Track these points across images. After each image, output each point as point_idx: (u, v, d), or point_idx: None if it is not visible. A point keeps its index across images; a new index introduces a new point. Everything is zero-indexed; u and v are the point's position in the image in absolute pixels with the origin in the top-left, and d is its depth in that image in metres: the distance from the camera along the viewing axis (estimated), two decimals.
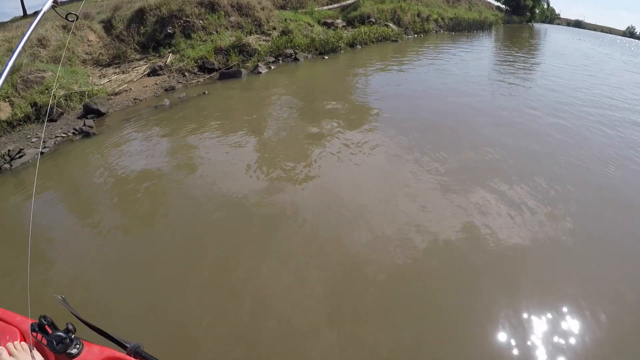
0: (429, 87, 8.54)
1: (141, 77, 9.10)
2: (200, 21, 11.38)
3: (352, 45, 12.76)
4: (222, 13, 11.72)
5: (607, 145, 5.65)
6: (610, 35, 67.08)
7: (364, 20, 15.63)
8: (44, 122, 6.48)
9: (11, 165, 5.19)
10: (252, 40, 11.02)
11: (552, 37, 29.80)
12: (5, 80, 2.03)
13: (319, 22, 13.56)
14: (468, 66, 11.33)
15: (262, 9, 12.42)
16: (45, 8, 1.66)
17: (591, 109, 7.46)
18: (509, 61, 12.91)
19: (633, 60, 18.89)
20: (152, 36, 10.86)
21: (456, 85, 8.80)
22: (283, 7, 14.64)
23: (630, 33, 78.56)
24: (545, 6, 50.48)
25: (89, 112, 7.01)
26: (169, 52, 10.21)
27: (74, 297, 2.72)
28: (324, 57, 11.32)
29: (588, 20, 75.45)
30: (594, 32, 66.46)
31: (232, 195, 4.02)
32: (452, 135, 5.70)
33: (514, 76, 10.25)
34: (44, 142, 5.89)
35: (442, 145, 5.22)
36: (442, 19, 21.61)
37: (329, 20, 14.01)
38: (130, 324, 2.52)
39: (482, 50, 15.86)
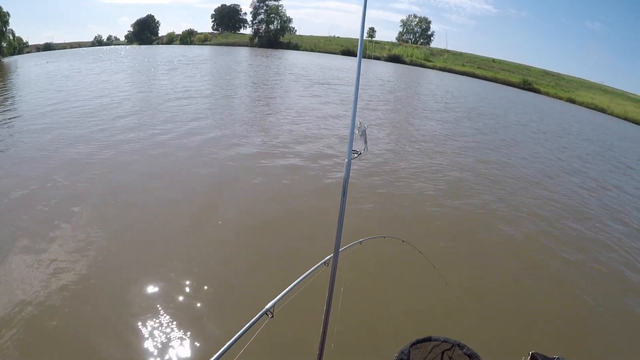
0: None
1: None
2: None
3: None
4: None
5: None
6: (81, 48, 74.44)
7: None
8: None
9: None
10: None
11: (22, 68, 30.79)
12: None
13: None
14: None
15: None
16: None
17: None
18: None
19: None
20: None
21: None
22: None
23: (98, 42, 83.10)
24: (12, 37, 47.60)
25: None
26: None
27: None
28: None
29: (58, 40, 77.99)
30: (65, 50, 70.33)
31: None
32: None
33: None
34: None
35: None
36: None
37: None
38: None
39: None
